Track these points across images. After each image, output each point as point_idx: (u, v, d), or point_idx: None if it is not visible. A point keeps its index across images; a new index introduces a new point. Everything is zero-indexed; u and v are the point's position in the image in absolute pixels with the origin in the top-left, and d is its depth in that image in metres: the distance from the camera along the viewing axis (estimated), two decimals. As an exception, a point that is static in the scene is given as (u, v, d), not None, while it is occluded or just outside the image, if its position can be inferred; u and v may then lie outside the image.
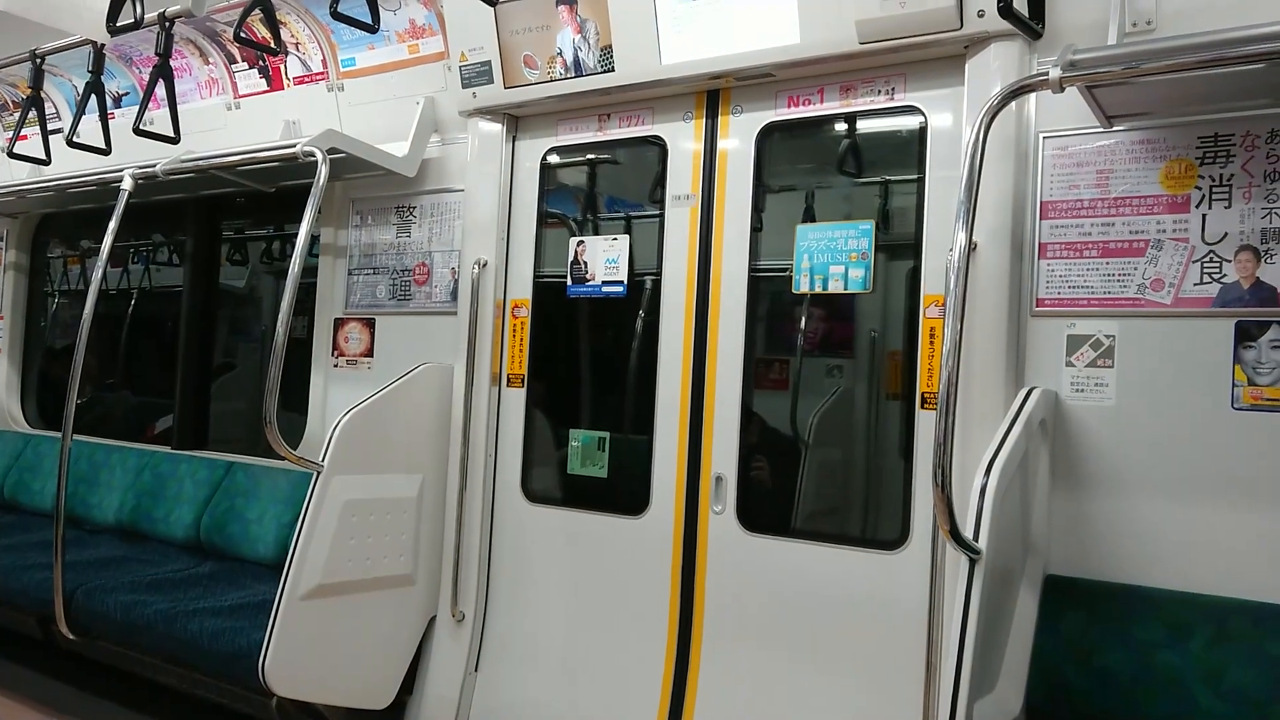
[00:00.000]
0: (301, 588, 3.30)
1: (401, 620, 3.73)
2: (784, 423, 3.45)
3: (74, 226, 6.03)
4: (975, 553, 2.23)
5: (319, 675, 3.41)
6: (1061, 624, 2.65)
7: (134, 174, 4.23)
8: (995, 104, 2.38)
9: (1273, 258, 2.51)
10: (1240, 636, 2.44)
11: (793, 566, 3.16)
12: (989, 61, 2.83)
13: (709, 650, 3.32)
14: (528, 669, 3.68)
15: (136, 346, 6.03)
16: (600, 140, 3.72)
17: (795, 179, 3.50)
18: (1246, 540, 2.50)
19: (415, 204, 4.17)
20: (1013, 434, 2.46)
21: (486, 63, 3.69)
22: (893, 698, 2.93)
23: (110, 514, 4.89)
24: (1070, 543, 2.72)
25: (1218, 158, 2.60)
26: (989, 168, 2.57)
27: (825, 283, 3.16)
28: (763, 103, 3.33)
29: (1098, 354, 2.72)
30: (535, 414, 3.82)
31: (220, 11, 4.32)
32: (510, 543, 3.80)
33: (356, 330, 4.31)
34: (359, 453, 3.51)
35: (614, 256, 3.63)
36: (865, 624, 3.02)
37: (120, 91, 5.24)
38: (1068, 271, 2.78)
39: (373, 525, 3.54)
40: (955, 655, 2.19)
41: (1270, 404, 2.50)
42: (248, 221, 5.35)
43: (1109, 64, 2.29)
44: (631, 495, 3.50)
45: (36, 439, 5.59)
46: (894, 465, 3.12)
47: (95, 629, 3.95)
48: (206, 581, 4.16)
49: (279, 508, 4.25)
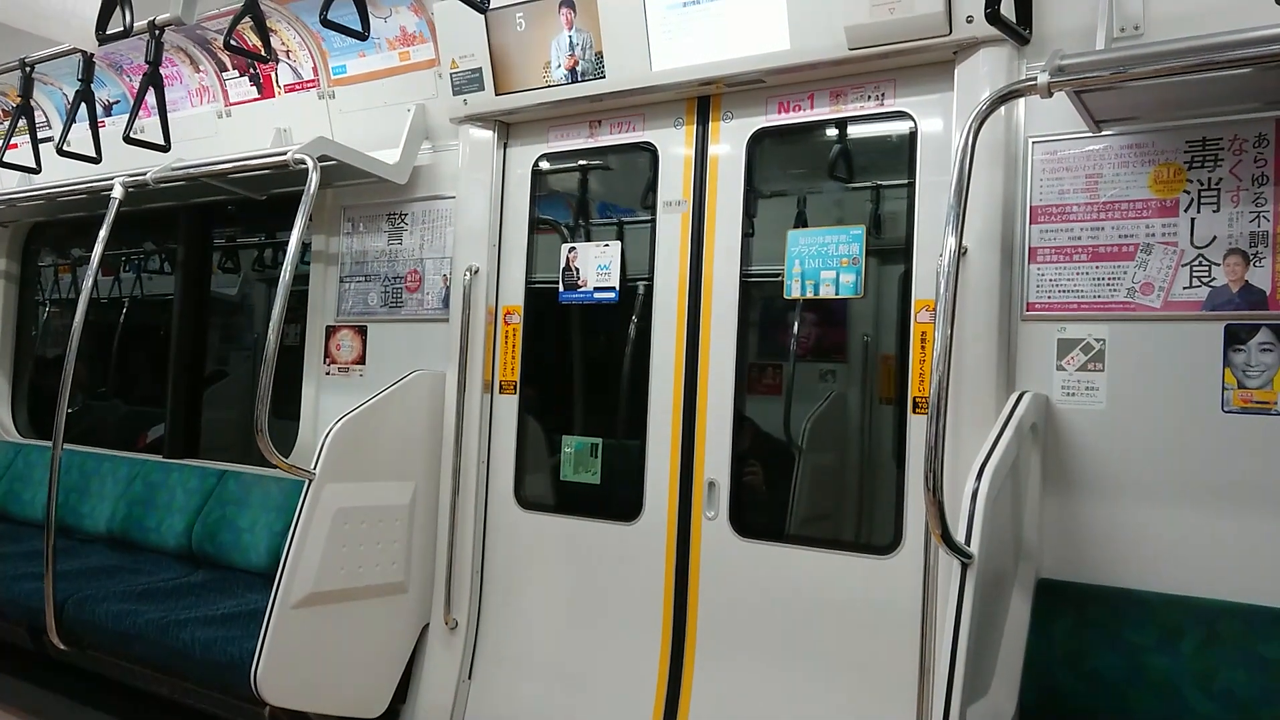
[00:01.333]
0: (294, 596, 3.29)
1: (394, 628, 3.72)
2: (776, 428, 3.45)
3: (65, 235, 6.02)
4: (967, 557, 2.23)
5: (312, 684, 3.40)
6: (1054, 627, 2.65)
7: (124, 182, 4.23)
8: (984, 109, 2.39)
9: (1261, 261, 2.52)
10: (1231, 639, 2.44)
11: (786, 572, 3.16)
12: (978, 67, 2.84)
13: (703, 656, 3.31)
14: (521, 676, 3.67)
15: (128, 355, 6.02)
16: (591, 147, 3.72)
17: (786, 184, 3.51)
18: (1237, 543, 2.51)
19: (407, 211, 4.16)
20: (1004, 438, 2.46)
21: (477, 70, 3.69)
22: (886, 702, 2.93)
23: (101, 523, 4.88)
24: (1062, 546, 2.73)
25: (1206, 162, 2.61)
26: (978, 173, 2.57)
27: (817, 288, 3.16)
28: (753, 109, 3.34)
29: (1088, 358, 2.73)
30: (528, 420, 3.82)
31: (211, 19, 4.31)
32: (503, 550, 3.79)
33: (348, 337, 4.30)
34: (351, 460, 3.50)
35: (606, 263, 3.64)
36: (858, 629, 3.02)
37: (110, 100, 5.23)
38: (1058, 276, 2.78)
39: (365, 533, 3.53)
40: (948, 659, 2.19)
41: (1260, 407, 2.51)
42: (239, 229, 5.34)
43: (1097, 69, 2.30)
44: (624, 501, 3.50)
45: (27, 448, 5.57)
46: (886, 470, 3.12)
47: (86, 639, 3.93)
48: (198, 591, 4.14)
49: (271, 516, 4.24)
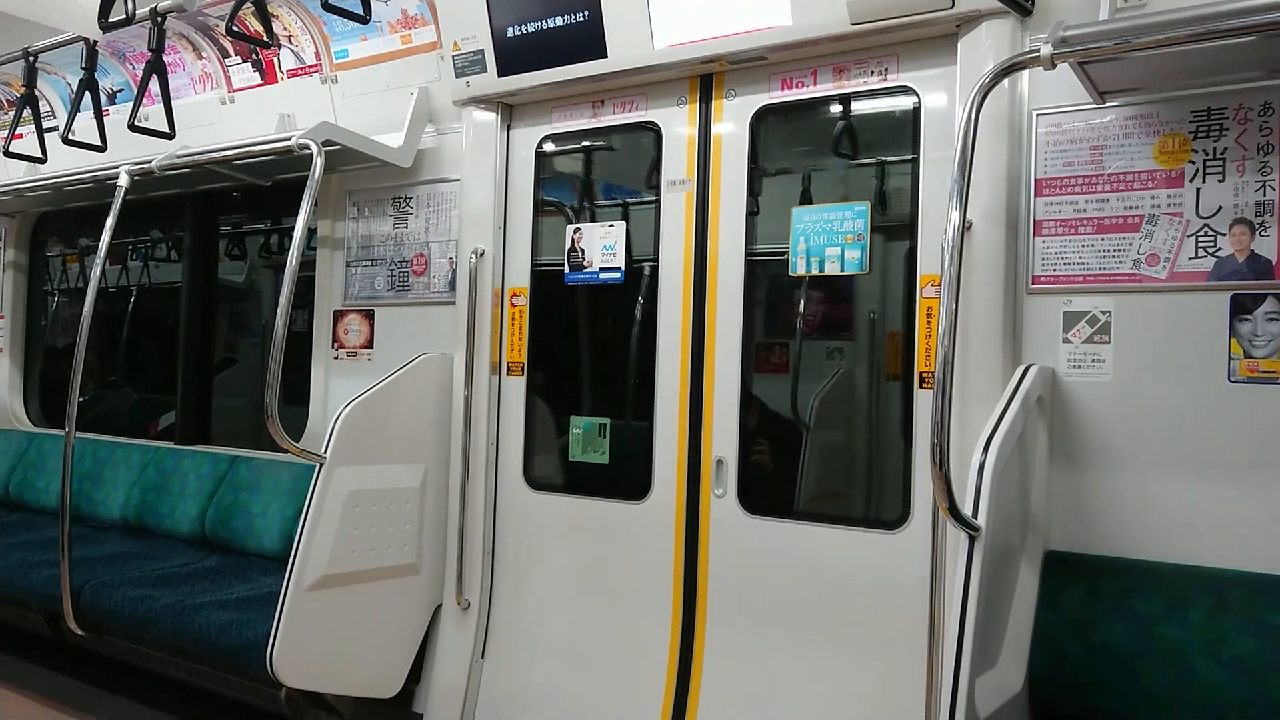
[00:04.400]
0: (307, 579, 3.32)
1: (407, 609, 3.75)
2: (784, 405, 3.45)
3: (72, 224, 6.04)
4: (975, 530, 2.25)
5: (327, 666, 3.43)
6: (1062, 599, 2.66)
7: (130, 170, 4.24)
8: (987, 82, 2.38)
9: (1267, 230, 2.52)
10: (1239, 607, 2.45)
11: (794, 548, 3.17)
12: (981, 40, 2.82)
13: (713, 632, 3.34)
14: (534, 655, 3.70)
15: (137, 343, 6.04)
16: (595, 127, 3.72)
17: (790, 162, 3.50)
18: (1244, 512, 2.52)
19: (412, 195, 4.17)
20: (1010, 411, 2.47)
21: (479, 51, 3.68)
22: (895, 675, 2.95)
23: (115, 510, 4.93)
24: (1069, 518, 2.74)
25: (1211, 131, 2.60)
26: (983, 146, 2.56)
27: (822, 265, 3.16)
28: (756, 86, 3.33)
29: (1094, 330, 2.73)
30: (536, 402, 3.84)
31: (212, 6, 4.31)
32: (514, 530, 3.82)
33: (356, 322, 4.31)
34: (361, 444, 3.52)
35: (611, 243, 3.64)
36: (867, 603, 3.03)
37: (114, 88, 5.24)
38: (1063, 248, 2.78)
39: (376, 515, 3.56)
40: (956, 632, 2.21)
41: (1267, 376, 2.50)
42: (245, 216, 5.34)
43: (1100, 39, 2.29)
44: (633, 480, 3.51)
45: (40, 437, 5.62)
46: (894, 445, 3.13)
47: (104, 624, 3.98)
48: (213, 575, 4.19)
49: (283, 500, 4.27)
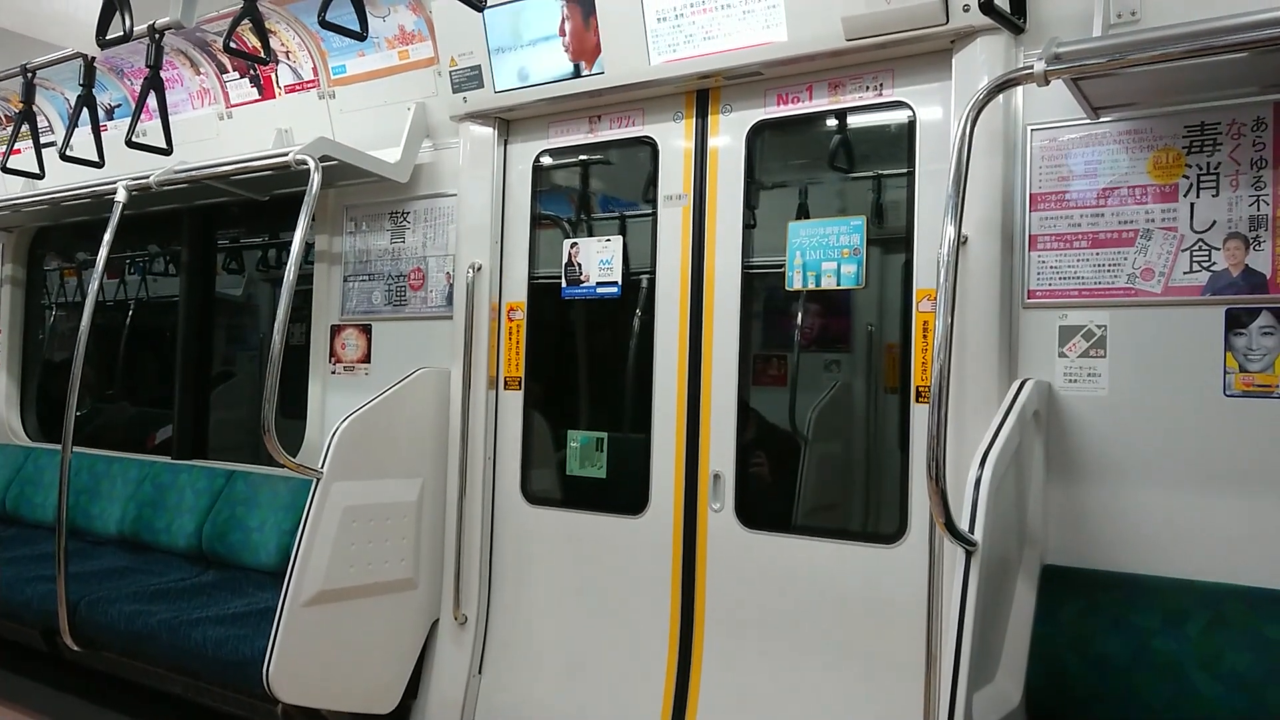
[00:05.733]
0: (304, 594, 3.32)
1: (404, 624, 3.74)
2: (781, 419, 3.46)
3: (69, 239, 6.05)
4: (971, 544, 2.25)
5: (323, 681, 3.42)
6: (1059, 613, 2.66)
7: (128, 186, 4.25)
8: (981, 98, 2.39)
9: (1261, 244, 2.53)
10: (1236, 621, 2.45)
11: (792, 562, 3.17)
12: (976, 55, 2.84)
13: (711, 647, 3.33)
14: (531, 670, 3.69)
15: (134, 357, 6.03)
16: (592, 142, 3.73)
17: (786, 176, 3.51)
18: (1241, 526, 2.52)
19: (409, 209, 4.18)
20: (1007, 425, 2.47)
21: (476, 67, 3.70)
22: (893, 689, 2.95)
23: (112, 525, 4.91)
24: (1066, 532, 2.74)
25: (1205, 146, 2.61)
26: (977, 161, 2.58)
27: (818, 279, 3.17)
28: (752, 101, 3.35)
29: (1090, 344, 2.74)
30: (533, 416, 3.84)
31: (210, 22, 4.32)
32: (511, 545, 3.81)
33: (353, 336, 4.32)
34: (358, 458, 3.52)
35: (608, 257, 3.65)
36: (865, 617, 3.03)
37: (112, 104, 5.25)
38: (1058, 262, 2.79)
39: (373, 530, 3.56)
40: (954, 646, 2.20)
41: (1261, 390, 2.51)
42: (242, 230, 5.35)
43: (1093, 56, 2.30)
44: (630, 495, 3.51)
45: (37, 452, 5.61)
46: (891, 459, 3.13)
47: (99, 640, 3.96)
48: (209, 590, 4.17)
49: (280, 515, 4.27)
